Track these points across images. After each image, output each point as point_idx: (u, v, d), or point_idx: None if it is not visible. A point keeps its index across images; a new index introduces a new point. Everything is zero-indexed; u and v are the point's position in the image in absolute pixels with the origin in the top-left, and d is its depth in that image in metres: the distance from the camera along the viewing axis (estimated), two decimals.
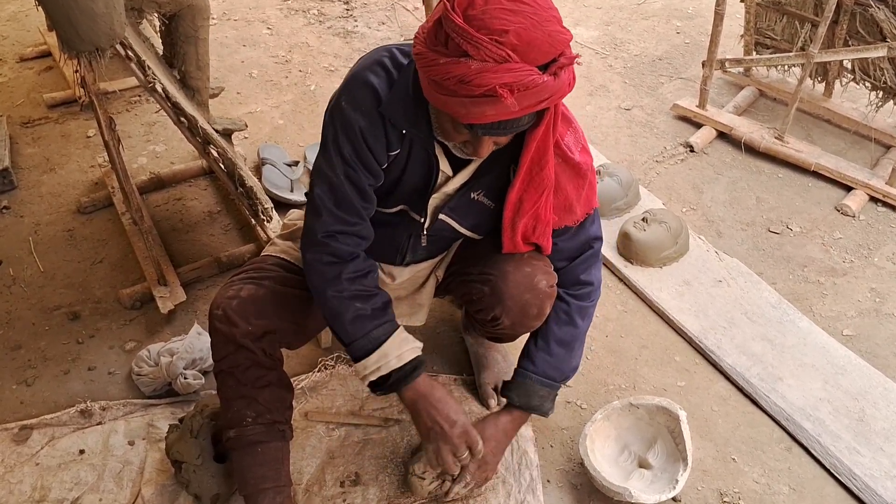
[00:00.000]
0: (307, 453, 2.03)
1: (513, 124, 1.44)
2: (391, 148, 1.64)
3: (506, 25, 1.31)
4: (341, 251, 1.70)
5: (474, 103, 1.36)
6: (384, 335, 1.72)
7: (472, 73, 1.32)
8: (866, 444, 2.07)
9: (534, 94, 1.36)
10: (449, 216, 1.78)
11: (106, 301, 2.48)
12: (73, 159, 3.08)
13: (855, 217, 2.83)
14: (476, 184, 1.72)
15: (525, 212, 1.69)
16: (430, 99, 1.45)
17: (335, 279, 1.70)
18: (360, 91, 1.60)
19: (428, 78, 1.41)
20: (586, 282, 1.87)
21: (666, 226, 2.58)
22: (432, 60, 1.38)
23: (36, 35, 3.86)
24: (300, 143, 3.21)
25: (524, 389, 1.90)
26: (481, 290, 1.83)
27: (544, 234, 1.75)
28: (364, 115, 1.60)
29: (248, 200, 2.40)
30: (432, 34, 1.39)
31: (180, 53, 2.41)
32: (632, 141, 3.25)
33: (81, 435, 2.07)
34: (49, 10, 1.88)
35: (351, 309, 1.70)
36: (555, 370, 1.89)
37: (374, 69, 1.59)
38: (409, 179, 1.71)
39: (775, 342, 2.33)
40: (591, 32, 4.05)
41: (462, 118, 1.41)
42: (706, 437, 2.11)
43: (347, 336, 1.72)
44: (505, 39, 1.31)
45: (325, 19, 4.15)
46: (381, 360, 1.72)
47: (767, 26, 3.25)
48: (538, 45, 1.33)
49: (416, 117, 1.60)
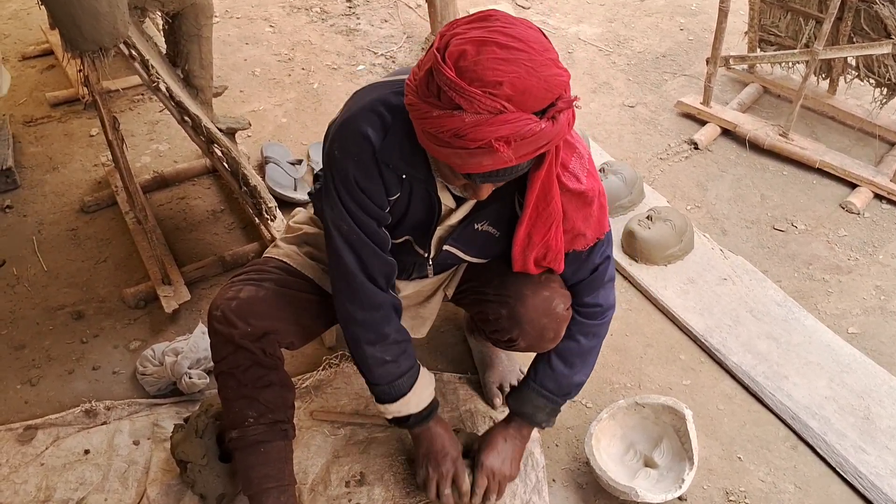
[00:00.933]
0: (312, 453, 2.03)
1: (511, 171, 1.41)
2: (390, 193, 1.62)
3: (500, 76, 1.26)
4: (375, 299, 1.71)
5: (470, 154, 1.33)
6: (407, 385, 1.81)
7: (466, 128, 1.29)
8: (872, 443, 2.06)
9: (531, 142, 1.32)
10: (454, 246, 1.77)
11: (110, 300, 2.47)
12: (77, 158, 3.08)
13: (860, 214, 2.82)
14: (479, 215, 1.70)
15: (535, 245, 1.67)
16: (426, 148, 1.42)
17: (371, 331, 1.74)
18: (352, 141, 1.56)
19: (422, 129, 1.38)
20: (593, 304, 1.84)
21: (670, 224, 2.57)
22: (425, 112, 1.34)
23: (38, 33, 3.85)
24: (303, 141, 3.21)
25: (521, 396, 1.92)
26: (498, 312, 1.81)
27: (556, 261, 1.72)
28: (357, 165, 1.57)
29: (251, 199, 2.40)
30: (423, 84, 1.34)
31: (183, 52, 2.40)
32: (636, 138, 3.25)
33: (86, 435, 2.07)
34: (52, 10, 1.87)
35: (380, 359, 1.77)
36: (553, 383, 1.87)
37: (367, 116, 1.54)
38: (412, 217, 1.70)
39: (781, 340, 2.33)
40: (594, 29, 4.04)
41: (458, 168, 1.38)
42: (712, 436, 2.10)
43: (375, 380, 1.81)
44: (499, 91, 1.26)
45: (327, 17, 4.14)
46: (401, 407, 1.83)
47: (772, 23, 3.24)
48: (534, 93, 1.29)
49: (413, 160, 1.56)
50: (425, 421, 1.87)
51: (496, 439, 1.92)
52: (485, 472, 1.88)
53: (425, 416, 1.86)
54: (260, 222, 2.57)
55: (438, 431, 1.90)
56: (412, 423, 1.86)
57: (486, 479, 1.88)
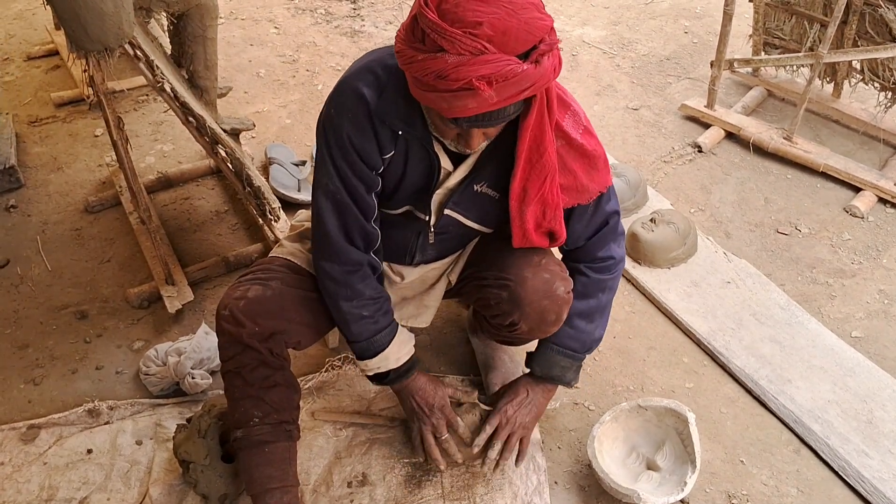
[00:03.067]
0: (314, 453, 2.03)
1: (498, 115, 1.43)
2: (384, 151, 1.64)
3: (479, 17, 1.29)
4: (351, 258, 1.74)
5: (455, 97, 1.35)
6: (385, 341, 1.83)
7: (449, 68, 1.32)
8: (875, 447, 2.06)
9: (514, 84, 1.34)
10: (454, 210, 1.77)
11: (113, 300, 2.48)
12: (81, 158, 3.08)
13: (863, 218, 2.82)
14: (478, 176, 1.71)
15: (531, 199, 1.67)
16: (415, 95, 1.45)
17: (346, 286, 1.76)
18: (347, 98, 1.60)
19: (409, 74, 1.41)
20: (605, 257, 1.86)
21: (674, 226, 2.57)
22: (411, 57, 1.37)
23: (43, 33, 3.86)
24: (307, 142, 3.21)
25: (545, 360, 1.92)
26: (499, 296, 1.82)
27: (556, 219, 1.72)
28: (350, 122, 1.60)
29: (255, 200, 2.40)
30: (409, 31, 1.38)
31: (188, 53, 2.41)
32: (640, 141, 3.25)
33: (89, 434, 2.07)
34: (58, 10, 1.88)
35: (358, 316, 1.78)
36: (576, 342, 1.89)
37: (362, 75, 1.59)
38: (410, 179, 1.71)
39: (784, 344, 2.32)
40: (598, 32, 4.04)
41: (445, 112, 1.41)
42: (714, 439, 2.10)
43: (352, 336, 1.82)
44: (479, 31, 1.29)
45: (332, 18, 4.15)
46: (381, 362, 1.84)
47: (776, 26, 3.23)
48: (515, 34, 1.32)
49: (410, 116, 1.59)
50: (405, 376, 1.89)
51: (519, 389, 1.95)
52: (499, 414, 1.90)
53: (405, 372, 1.88)
54: (263, 223, 2.57)
55: (420, 385, 1.92)
56: (392, 378, 1.88)
57: (499, 420, 1.90)
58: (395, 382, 1.90)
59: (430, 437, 1.91)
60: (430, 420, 1.91)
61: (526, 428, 1.94)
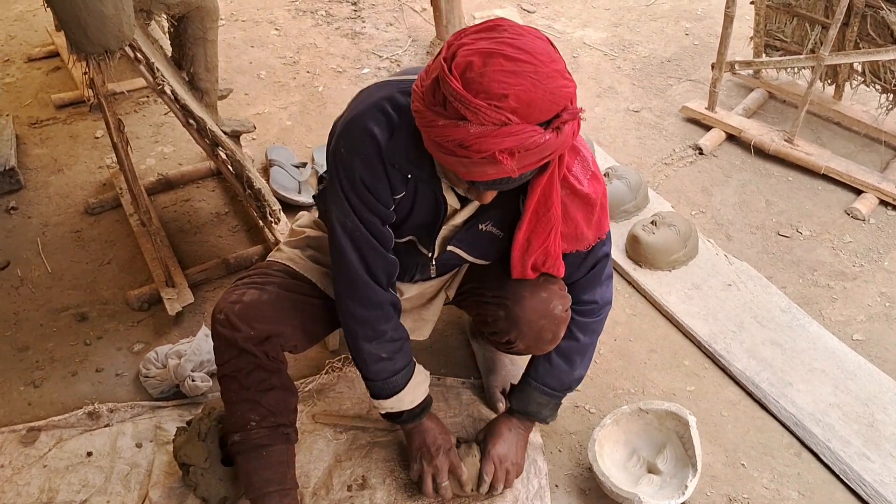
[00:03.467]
0: (314, 456, 2.02)
1: (515, 180, 1.43)
2: (395, 192, 1.63)
3: (505, 89, 1.27)
4: (376, 299, 1.73)
5: (474, 164, 1.34)
6: (402, 383, 1.83)
7: (471, 139, 1.30)
8: (876, 450, 2.05)
9: (535, 153, 1.34)
10: (457, 247, 1.78)
11: (114, 302, 2.48)
12: (81, 160, 3.08)
13: (865, 221, 2.82)
14: (484, 216, 1.71)
15: (534, 251, 1.68)
16: (431, 152, 1.43)
17: (369, 328, 1.76)
18: (359, 139, 1.56)
19: (428, 136, 1.39)
20: (589, 301, 1.86)
21: (675, 229, 2.57)
22: (431, 121, 1.35)
23: (44, 35, 3.86)
24: (308, 144, 3.21)
25: (523, 395, 1.94)
26: (496, 314, 1.82)
27: (555, 266, 1.74)
28: (363, 164, 1.58)
29: (255, 202, 2.40)
30: (430, 93, 1.35)
31: (189, 55, 2.41)
32: (640, 143, 3.24)
33: (89, 437, 2.07)
34: (58, 12, 1.88)
35: (377, 357, 1.78)
36: (554, 380, 1.90)
37: (374, 115, 1.55)
38: (417, 216, 1.70)
39: (785, 347, 2.32)
40: (599, 34, 4.04)
41: (463, 175, 1.40)
42: (715, 443, 2.10)
43: (370, 375, 1.82)
44: (504, 104, 1.27)
45: (332, 20, 4.15)
46: (395, 403, 1.85)
47: (777, 28, 3.23)
48: (539, 105, 1.30)
49: (419, 160, 1.56)
50: (418, 417, 1.90)
51: (501, 429, 1.95)
52: (492, 460, 1.90)
53: (418, 413, 1.89)
54: (264, 225, 2.57)
55: (430, 426, 1.92)
56: (405, 419, 1.89)
57: (494, 465, 1.90)
58: (408, 423, 1.91)
59: (430, 481, 1.89)
60: (433, 462, 1.88)
61: (518, 465, 1.95)
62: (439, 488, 1.88)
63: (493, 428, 1.97)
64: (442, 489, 1.88)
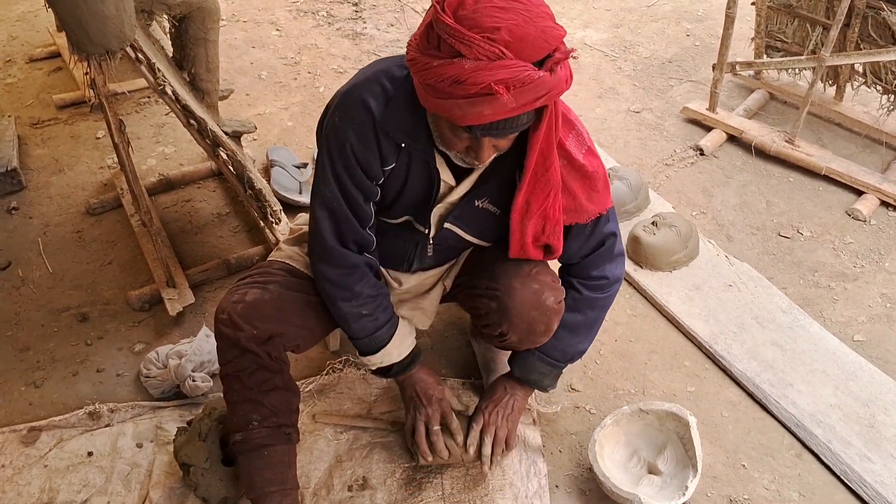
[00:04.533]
0: (315, 457, 2.02)
1: (511, 123, 1.44)
2: (386, 162, 1.65)
3: (497, 23, 1.31)
4: (347, 260, 1.74)
5: (471, 103, 1.36)
6: (386, 337, 1.85)
7: (466, 73, 1.32)
8: (877, 451, 2.05)
9: (530, 90, 1.35)
10: (454, 224, 1.78)
11: (115, 302, 2.48)
12: (83, 160, 3.09)
13: (866, 221, 2.82)
14: (480, 191, 1.72)
15: (533, 213, 1.68)
16: (427, 105, 1.46)
17: (344, 287, 1.76)
18: (353, 108, 1.60)
19: (423, 82, 1.41)
20: (599, 276, 1.86)
21: (676, 230, 2.57)
22: (426, 64, 1.38)
23: (45, 35, 3.87)
24: (309, 144, 3.21)
25: (525, 363, 1.94)
26: (488, 306, 1.83)
27: (555, 234, 1.73)
28: (354, 132, 1.60)
29: (256, 202, 2.40)
30: (424, 38, 1.39)
31: (190, 56, 2.41)
32: (641, 144, 3.24)
33: (90, 437, 2.07)
34: (59, 13, 1.88)
35: (357, 314, 1.79)
36: (557, 351, 1.91)
37: (369, 86, 1.59)
38: (410, 192, 1.71)
39: (786, 347, 2.32)
40: (600, 35, 4.04)
41: (459, 120, 1.41)
42: (716, 443, 2.10)
43: (354, 334, 1.84)
44: (497, 36, 1.31)
45: (334, 21, 4.15)
46: (383, 357, 1.87)
47: (778, 29, 3.23)
48: (531, 41, 1.33)
49: (414, 129, 1.60)
50: (408, 368, 1.93)
51: (498, 389, 1.98)
52: (482, 414, 1.93)
53: (407, 364, 1.92)
54: (265, 225, 2.57)
55: (422, 377, 1.96)
56: (395, 371, 1.92)
57: (483, 418, 1.93)
58: (399, 374, 1.93)
59: (422, 427, 1.92)
60: (425, 410, 1.93)
61: (510, 421, 1.95)
62: (430, 434, 1.91)
63: (491, 388, 2.00)
64: (433, 434, 1.90)
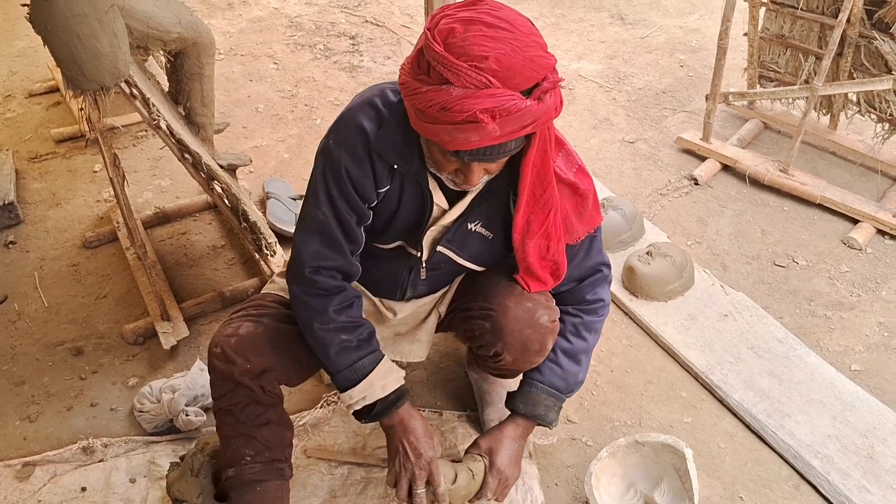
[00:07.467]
0: (309, 492, 2.01)
1: (499, 150, 1.45)
2: (380, 185, 1.65)
3: (486, 52, 1.33)
4: (327, 285, 1.72)
5: (458, 129, 1.38)
6: (369, 366, 1.74)
7: (453, 100, 1.34)
8: (876, 482, 2.03)
9: (516, 118, 1.37)
10: (447, 248, 1.78)
11: (109, 336, 2.47)
12: (80, 194, 3.10)
13: (862, 250, 2.82)
14: (473, 215, 1.72)
15: (534, 233, 1.68)
16: (418, 128, 1.47)
17: (321, 312, 1.71)
18: (347, 130, 1.62)
19: (413, 106, 1.44)
20: (594, 300, 1.87)
21: (671, 259, 2.57)
22: (416, 89, 1.40)
23: (45, 71, 3.90)
24: (305, 176, 3.22)
25: (530, 398, 1.87)
26: (482, 326, 1.82)
27: (559, 251, 1.72)
28: (349, 154, 1.62)
29: (251, 235, 2.41)
30: (415, 63, 1.42)
31: (185, 90, 2.42)
32: (636, 174, 3.25)
33: (83, 472, 2.06)
34: (54, 50, 1.89)
35: (336, 341, 1.72)
36: (561, 381, 1.87)
37: (364, 109, 1.62)
38: (403, 214, 1.71)
39: (782, 378, 2.31)
40: (594, 66, 4.07)
41: (447, 145, 1.42)
42: (713, 475, 2.08)
43: (333, 367, 1.74)
44: (484, 65, 1.33)
45: (331, 54, 4.19)
46: (366, 390, 1.74)
47: (771, 59, 3.26)
48: (519, 71, 1.35)
49: (407, 152, 1.61)
50: (393, 407, 1.77)
51: (504, 439, 1.87)
52: (495, 475, 1.83)
53: (392, 402, 1.76)
54: (260, 258, 2.57)
55: (413, 426, 1.79)
56: (379, 410, 1.76)
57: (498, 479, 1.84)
58: (384, 415, 1.77)
59: (405, 484, 1.77)
60: (412, 467, 1.76)
61: (516, 478, 1.90)
62: (414, 495, 1.78)
63: (496, 436, 1.89)
64: (416, 496, 1.78)
